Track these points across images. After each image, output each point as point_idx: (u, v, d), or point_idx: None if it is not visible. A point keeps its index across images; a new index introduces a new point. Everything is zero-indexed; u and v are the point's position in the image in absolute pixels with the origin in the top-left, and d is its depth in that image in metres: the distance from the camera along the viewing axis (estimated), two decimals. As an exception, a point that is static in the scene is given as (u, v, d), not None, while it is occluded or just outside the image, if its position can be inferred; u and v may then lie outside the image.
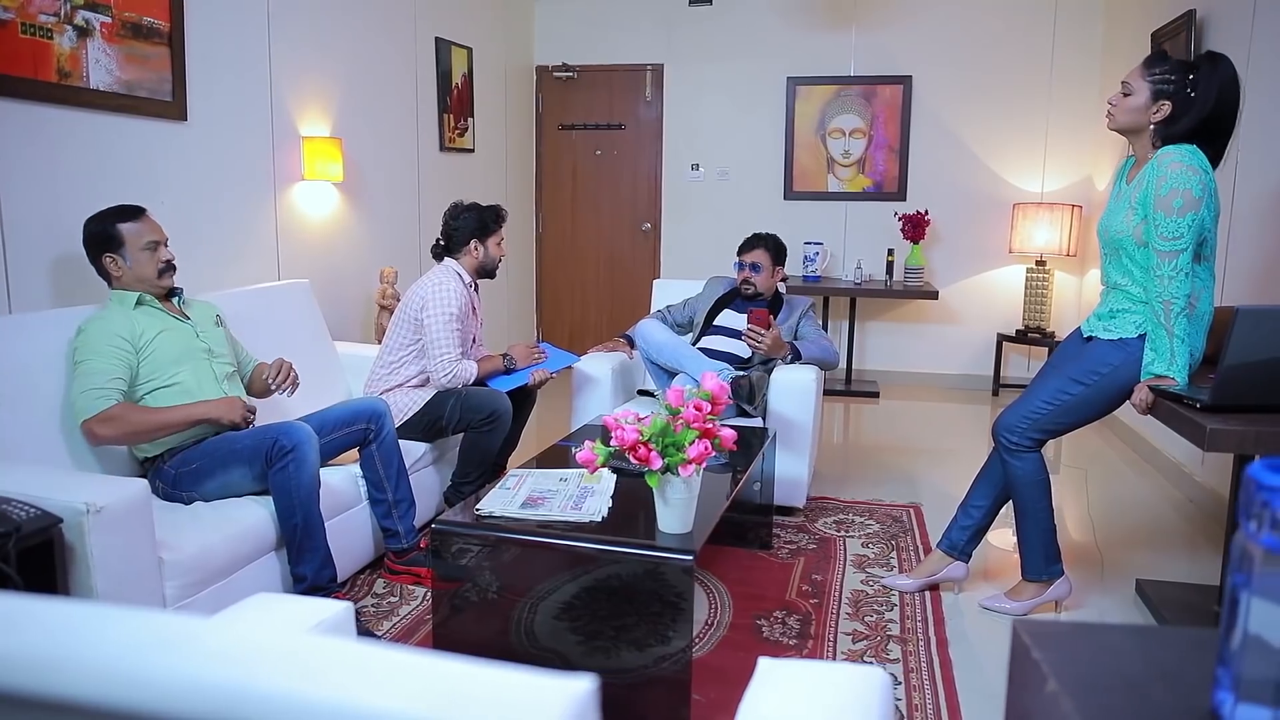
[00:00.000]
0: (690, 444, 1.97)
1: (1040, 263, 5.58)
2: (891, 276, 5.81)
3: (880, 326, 6.16)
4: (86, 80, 2.78)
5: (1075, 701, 0.88)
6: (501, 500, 2.26)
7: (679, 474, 1.97)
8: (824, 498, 3.73)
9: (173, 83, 3.11)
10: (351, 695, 0.55)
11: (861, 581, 2.91)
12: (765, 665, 1.21)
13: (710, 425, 2.02)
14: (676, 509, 2.04)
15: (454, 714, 0.53)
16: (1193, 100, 2.25)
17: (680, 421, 2.00)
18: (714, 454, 2.02)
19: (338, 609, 1.37)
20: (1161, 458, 4.16)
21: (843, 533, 3.34)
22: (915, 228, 5.65)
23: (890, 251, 5.81)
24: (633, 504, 2.27)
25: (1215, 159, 2.30)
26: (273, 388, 2.64)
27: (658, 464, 1.96)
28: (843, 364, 5.99)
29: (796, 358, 3.46)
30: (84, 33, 2.76)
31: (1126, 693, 0.90)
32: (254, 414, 2.52)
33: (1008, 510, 2.73)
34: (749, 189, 6.22)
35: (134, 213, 2.54)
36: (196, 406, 2.44)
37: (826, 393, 5.77)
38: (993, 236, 5.86)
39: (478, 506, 2.22)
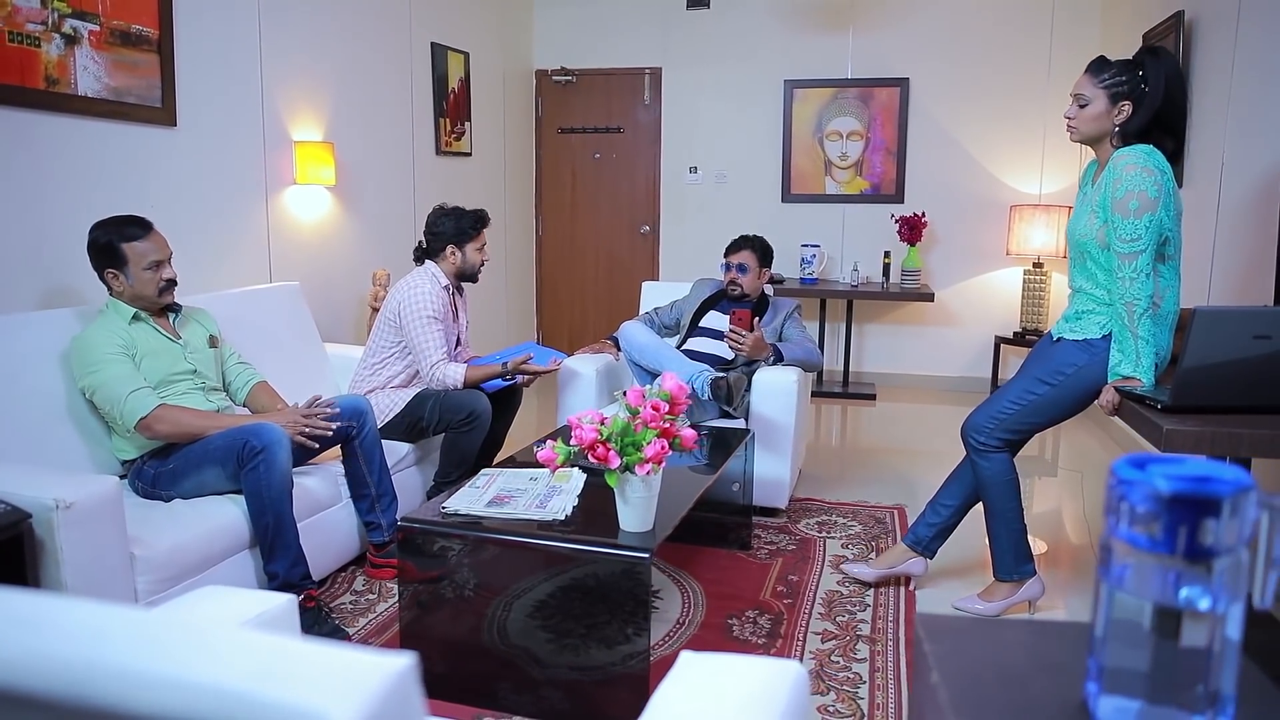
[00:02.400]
0: (648, 443, 2.00)
1: (1038, 265, 5.56)
2: (888, 279, 5.81)
3: (878, 329, 6.16)
4: (75, 87, 2.84)
5: (951, 691, 0.90)
6: (469, 498, 2.29)
7: (636, 473, 2.00)
8: (808, 499, 3.74)
9: (162, 89, 3.17)
10: (185, 667, 0.58)
11: (838, 582, 2.93)
12: (685, 659, 1.23)
13: (668, 425, 2.04)
14: (636, 507, 2.07)
15: (273, 685, 0.56)
16: (1147, 95, 2.27)
17: (639, 421, 2.03)
18: (671, 453, 2.04)
19: (280, 601, 1.41)
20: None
21: (824, 534, 3.35)
22: (912, 230, 5.65)
23: (887, 254, 5.81)
24: (599, 503, 2.29)
25: (1176, 153, 2.31)
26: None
27: (616, 463, 1.99)
28: (839, 366, 6.00)
29: (779, 359, 3.47)
30: (72, 40, 2.82)
31: (1005, 684, 0.92)
32: (311, 422, 2.58)
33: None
34: (747, 191, 6.24)
35: (141, 229, 2.52)
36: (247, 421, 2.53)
37: (823, 395, 5.79)
38: (990, 238, 5.85)
39: (444, 504, 2.25)
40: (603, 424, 2.04)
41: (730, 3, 6.08)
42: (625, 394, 2.10)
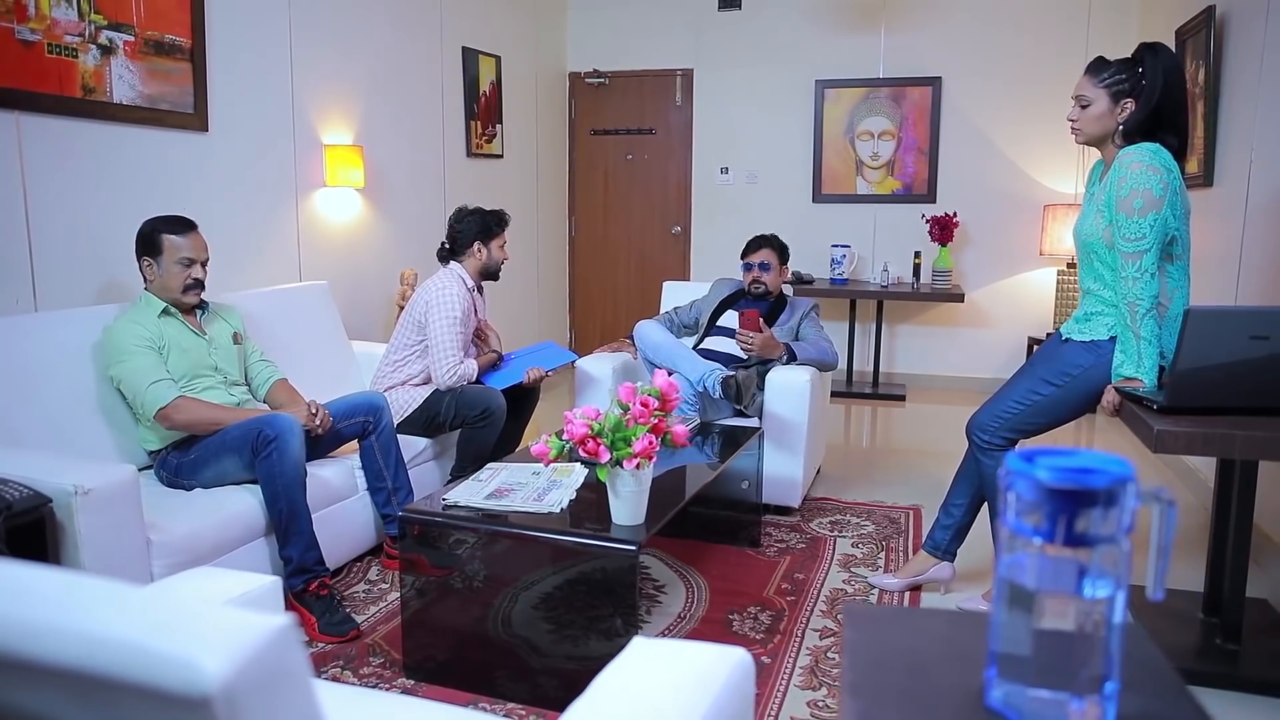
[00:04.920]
0: (637, 439, 2.05)
1: (1072, 265, 5.48)
2: (919, 279, 5.77)
3: (909, 330, 6.12)
4: (110, 95, 2.98)
5: (855, 676, 0.94)
6: (470, 491, 2.36)
7: (625, 467, 2.04)
8: (824, 498, 3.75)
9: (194, 95, 3.30)
10: (90, 621, 0.65)
11: (843, 581, 2.94)
12: (635, 644, 1.27)
13: (658, 421, 2.08)
14: (627, 501, 2.12)
15: (161, 637, 0.62)
16: (1145, 89, 2.25)
17: (630, 417, 2.08)
18: (661, 448, 2.08)
19: (264, 582, 1.49)
20: (1180, 462, 4.07)
21: (835, 533, 3.36)
22: (943, 230, 5.60)
23: (918, 254, 5.77)
24: (597, 497, 2.34)
25: (1180, 151, 2.28)
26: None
27: (605, 457, 2.04)
28: (869, 367, 5.97)
29: (792, 358, 3.49)
30: (108, 51, 2.96)
31: (910, 671, 0.95)
32: (321, 418, 2.70)
33: None
34: (778, 192, 6.24)
35: (183, 227, 2.67)
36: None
37: (853, 395, 5.77)
38: (1023, 238, 5.77)
39: (444, 496, 2.32)
40: (596, 420, 2.09)
41: (762, 4, 6.10)
42: (618, 389, 2.14)
